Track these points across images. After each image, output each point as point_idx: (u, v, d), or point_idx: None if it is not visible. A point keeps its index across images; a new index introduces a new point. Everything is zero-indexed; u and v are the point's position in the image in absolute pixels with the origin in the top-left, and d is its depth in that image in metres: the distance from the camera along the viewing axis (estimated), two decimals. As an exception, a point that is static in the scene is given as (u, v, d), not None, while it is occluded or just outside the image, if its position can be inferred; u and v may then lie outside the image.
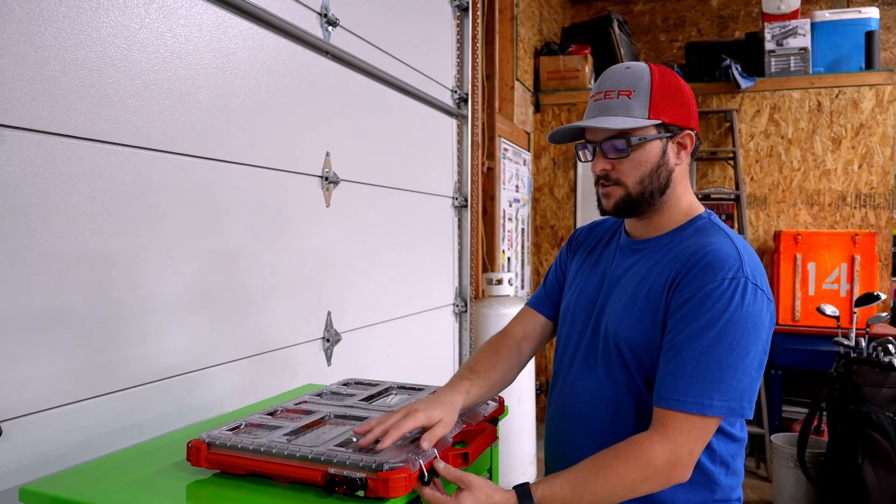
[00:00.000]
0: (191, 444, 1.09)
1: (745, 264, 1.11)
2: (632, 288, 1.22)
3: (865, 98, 4.60)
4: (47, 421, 1.25)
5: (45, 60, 1.23)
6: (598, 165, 1.23)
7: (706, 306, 1.08)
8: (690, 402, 1.06)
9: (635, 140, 1.18)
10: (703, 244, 1.16)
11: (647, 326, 1.16)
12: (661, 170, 1.21)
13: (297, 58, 1.98)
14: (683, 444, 1.07)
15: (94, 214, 1.34)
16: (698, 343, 1.08)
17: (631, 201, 1.22)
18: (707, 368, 1.06)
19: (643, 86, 1.18)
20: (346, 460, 0.99)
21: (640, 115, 1.17)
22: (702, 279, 1.10)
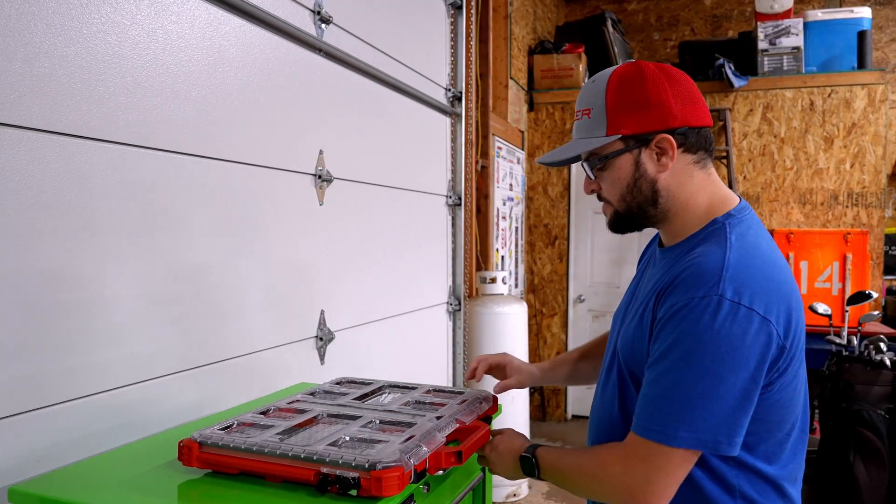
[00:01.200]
0: (182, 444, 1.08)
1: (726, 280, 0.99)
2: (637, 302, 1.17)
3: (858, 97, 4.62)
4: (37, 420, 1.24)
5: (34, 57, 1.22)
6: (588, 187, 1.22)
7: (671, 325, 1.01)
8: (653, 429, 1.00)
9: (596, 162, 1.15)
10: (696, 254, 1.07)
11: (638, 342, 1.11)
12: (640, 182, 1.13)
13: (290, 55, 1.97)
14: (640, 470, 1.01)
15: (85, 213, 1.33)
16: (663, 366, 1.01)
17: (621, 218, 1.18)
18: (668, 395, 0.99)
19: (599, 102, 1.13)
20: (338, 459, 0.99)
21: (599, 134, 1.13)
22: (676, 295, 1.02)
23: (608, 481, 1.06)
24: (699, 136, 1.13)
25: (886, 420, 3.11)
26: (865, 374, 3.20)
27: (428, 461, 1.06)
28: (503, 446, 1.23)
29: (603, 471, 1.07)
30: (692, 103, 1.13)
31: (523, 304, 3.91)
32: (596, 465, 1.09)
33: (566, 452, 1.17)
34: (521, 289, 5.23)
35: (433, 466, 1.07)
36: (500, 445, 1.23)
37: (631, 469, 1.02)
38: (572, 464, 1.14)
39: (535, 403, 5.26)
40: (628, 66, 1.14)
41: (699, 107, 1.14)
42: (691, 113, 1.11)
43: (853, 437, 3.13)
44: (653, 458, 1.00)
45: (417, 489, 1.10)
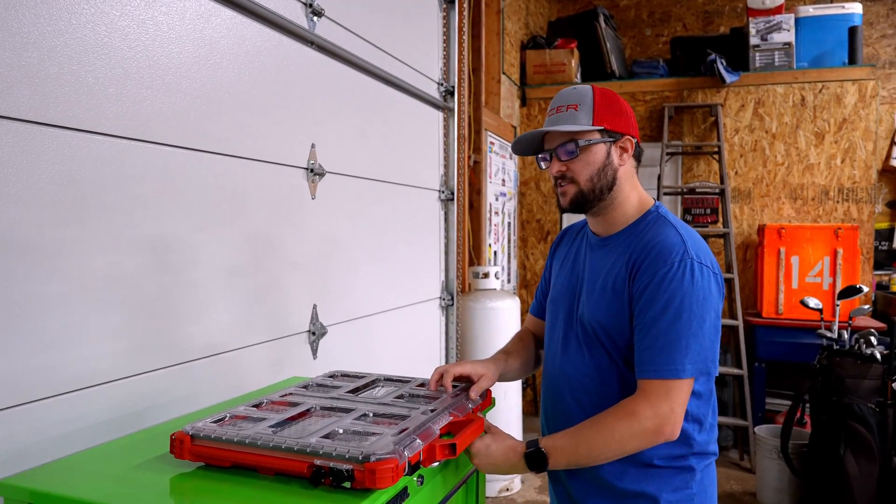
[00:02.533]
0: (174, 437, 1.08)
1: (689, 248, 1.30)
2: (601, 279, 1.40)
3: (848, 93, 4.64)
4: (27, 414, 1.23)
5: (22, 47, 1.21)
6: (555, 167, 1.42)
7: (662, 288, 1.27)
8: (666, 369, 1.25)
9: (583, 143, 1.38)
10: (653, 235, 1.35)
11: (615, 310, 1.35)
12: (606, 169, 1.40)
13: (282, 48, 1.96)
14: (664, 404, 1.24)
15: (74, 205, 1.32)
16: (662, 321, 1.26)
17: (583, 197, 1.41)
18: (674, 340, 1.25)
19: (587, 100, 1.40)
20: (332, 452, 0.98)
21: (585, 123, 1.38)
22: (654, 266, 1.29)
23: (639, 427, 1.24)
24: (638, 149, 1.46)
25: (876, 413, 3.13)
26: (856, 367, 3.22)
27: (422, 454, 1.06)
28: (496, 447, 1.29)
29: (631, 422, 1.24)
30: (635, 124, 1.46)
31: (516, 299, 3.91)
32: (619, 421, 1.25)
33: (572, 433, 1.29)
34: (513, 284, 5.23)
35: (427, 459, 1.07)
36: (491, 447, 1.29)
37: (657, 407, 1.24)
38: (589, 437, 1.27)
39: (527, 399, 5.26)
40: (599, 87, 1.45)
41: (637, 129, 1.47)
42: (636, 131, 1.45)
43: (844, 431, 3.15)
44: (671, 392, 1.25)
45: (411, 482, 1.10)
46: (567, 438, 1.29)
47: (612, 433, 1.25)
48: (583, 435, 1.28)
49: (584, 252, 1.51)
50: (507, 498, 3.78)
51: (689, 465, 1.35)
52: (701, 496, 1.37)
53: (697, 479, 1.36)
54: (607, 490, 1.36)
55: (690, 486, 1.35)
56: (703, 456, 1.38)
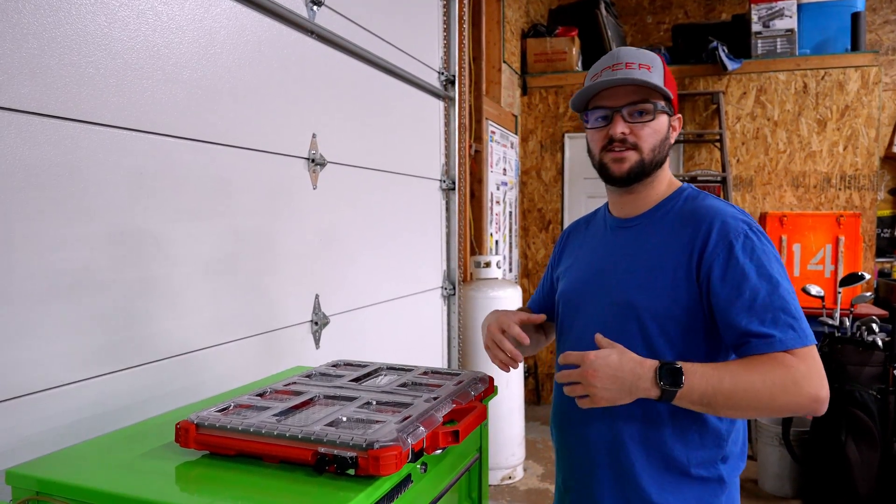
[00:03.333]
0: (179, 426, 1.08)
1: (747, 218, 1.23)
2: (643, 259, 1.27)
3: (851, 80, 4.62)
4: (34, 404, 1.24)
5: (23, 38, 1.21)
6: (620, 127, 1.27)
7: (747, 258, 1.17)
8: (791, 336, 1.11)
9: (660, 106, 1.27)
10: (706, 208, 1.25)
11: (670, 293, 1.22)
12: (665, 142, 1.30)
13: (282, 37, 1.96)
14: (815, 366, 1.10)
15: (76, 195, 1.32)
16: (762, 290, 1.14)
17: (643, 167, 1.28)
18: (784, 307, 1.13)
19: (658, 64, 1.29)
20: (336, 439, 0.99)
21: (662, 86, 1.26)
22: (727, 238, 1.18)
23: (793, 379, 1.08)
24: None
25: (878, 400, 3.14)
26: (857, 355, 3.23)
27: (425, 441, 1.06)
28: (618, 355, 1.11)
29: (786, 371, 1.08)
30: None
31: (517, 289, 3.92)
32: (775, 367, 1.09)
33: (716, 364, 1.13)
34: (515, 273, 5.23)
35: (430, 446, 1.08)
36: (612, 355, 1.11)
37: (809, 368, 1.10)
38: (739, 372, 1.10)
39: (529, 387, 5.28)
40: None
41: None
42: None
43: (845, 418, 3.16)
44: (811, 356, 1.11)
45: (415, 469, 1.11)
46: (710, 368, 1.11)
47: (764, 377, 1.08)
48: (729, 368, 1.11)
49: (604, 237, 1.39)
50: (510, 486, 3.80)
51: (719, 474, 1.23)
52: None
53: (727, 495, 1.24)
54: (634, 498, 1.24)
55: (719, 500, 1.23)
56: (735, 467, 1.25)
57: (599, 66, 1.31)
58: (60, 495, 0.98)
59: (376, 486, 0.97)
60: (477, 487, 1.46)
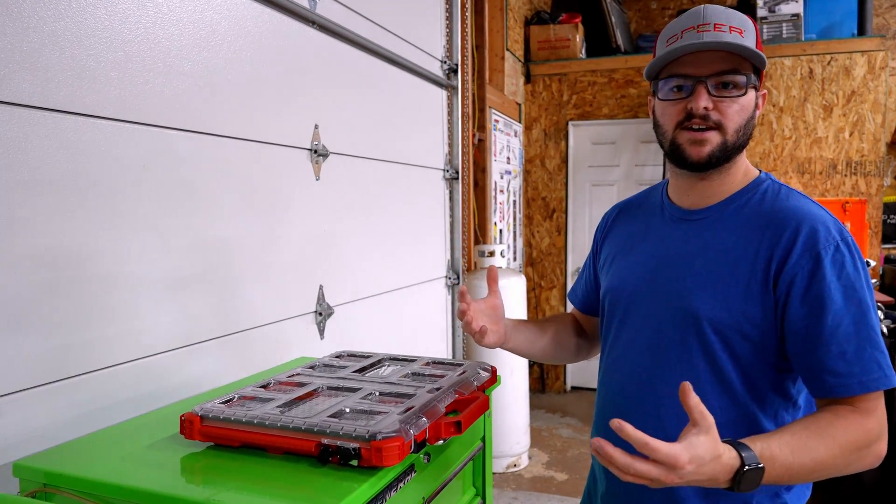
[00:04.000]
0: (184, 418, 1.09)
1: (841, 228, 1.05)
2: (708, 261, 1.10)
3: (857, 65, 4.58)
4: (40, 397, 1.25)
5: (23, 32, 1.21)
6: (703, 100, 1.07)
7: (837, 276, 1.00)
8: (875, 378, 0.98)
9: (754, 80, 1.08)
10: (792, 210, 1.07)
11: (740, 305, 1.05)
12: (751, 122, 1.11)
13: (283, 28, 1.95)
14: (882, 418, 0.99)
15: (78, 190, 1.33)
16: (848, 316, 0.99)
17: (726, 151, 1.09)
18: (870, 339, 0.99)
19: (751, 28, 1.08)
20: (339, 430, 1.00)
21: (757, 55, 1.07)
22: (814, 248, 1.02)
23: (866, 440, 0.98)
24: None
25: (883, 387, 3.14)
26: (862, 341, 3.22)
27: (428, 431, 1.07)
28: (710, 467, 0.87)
29: (860, 434, 0.97)
30: None
31: (522, 278, 3.92)
32: (849, 429, 0.96)
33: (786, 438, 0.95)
34: (519, 262, 5.23)
35: (433, 437, 1.08)
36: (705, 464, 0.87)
37: (879, 421, 0.99)
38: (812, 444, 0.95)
39: (534, 375, 5.30)
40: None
41: None
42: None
43: (850, 404, 3.16)
44: (880, 405, 0.99)
45: (418, 459, 1.11)
46: (787, 450, 0.93)
47: (841, 447, 0.95)
48: (807, 448, 0.94)
49: (661, 228, 1.20)
50: (515, 474, 3.82)
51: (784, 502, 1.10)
52: None
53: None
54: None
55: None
56: (799, 491, 1.12)
57: (678, 25, 1.10)
58: (67, 487, 0.99)
59: (379, 476, 0.98)
60: (481, 476, 1.47)
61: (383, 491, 1.00)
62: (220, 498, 0.90)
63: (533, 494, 3.54)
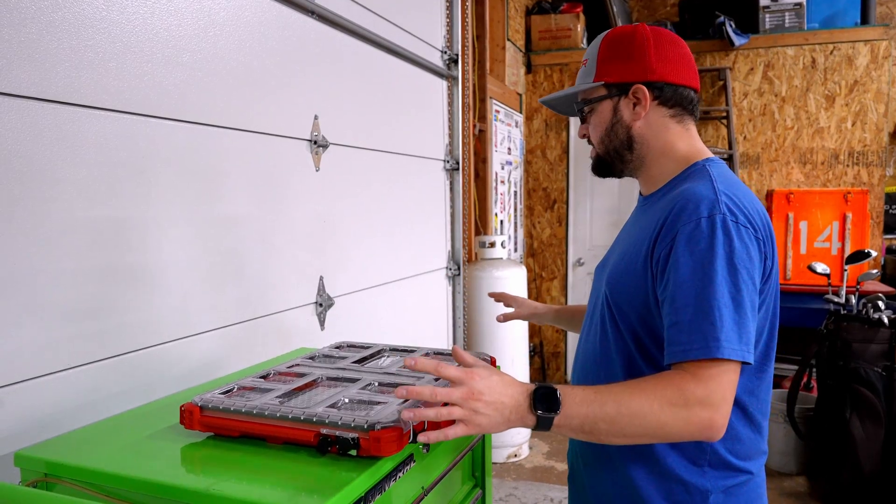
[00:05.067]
0: (183, 408, 1.10)
1: (722, 202, 1.07)
2: (624, 245, 1.23)
3: (860, 54, 4.56)
4: (41, 387, 1.26)
5: (21, 23, 1.20)
6: (580, 130, 1.33)
7: (688, 251, 1.05)
8: (697, 348, 1.01)
9: (583, 105, 1.28)
10: (682, 190, 1.13)
11: (630, 281, 1.15)
12: (616, 128, 1.25)
13: (283, 18, 1.94)
14: (717, 388, 0.99)
15: (78, 180, 1.33)
16: (689, 289, 1.03)
17: (600, 160, 1.30)
18: (705, 312, 1.01)
19: (594, 52, 1.26)
20: (338, 420, 1.00)
21: (587, 80, 1.26)
22: (676, 225, 1.08)
23: (684, 399, 0.99)
24: (676, 93, 1.22)
25: (883, 377, 3.15)
26: (863, 332, 3.22)
27: (426, 422, 1.07)
28: (497, 378, 1.00)
29: (678, 395, 0.99)
30: (675, 63, 1.22)
31: (522, 268, 3.92)
32: (664, 390, 0.99)
33: (600, 388, 1.03)
34: (520, 253, 5.23)
35: (432, 427, 1.09)
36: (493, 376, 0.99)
37: (708, 387, 0.99)
38: (623, 397, 1.00)
39: (535, 366, 5.31)
40: (626, 26, 1.26)
41: (683, 68, 1.23)
42: (672, 71, 1.21)
43: (850, 395, 3.17)
44: (718, 376, 1.00)
45: (417, 449, 1.12)
46: (591, 392, 1.01)
47: (652, 399, 0.99)
48: (613, 390, 1.01)
49: (633, 217, 1.35)
50: (515, 464, 3.84)
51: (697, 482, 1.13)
52: None
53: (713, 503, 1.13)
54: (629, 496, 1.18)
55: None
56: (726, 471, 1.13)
57: None
58: (68, 477, 1.00)
59: (378, 466, 0.98)
60: (480, 467, 1.48)
61: (382, 481, 1.00)
62: (219, 487, 0.91)
63: (533, 484, 3.55)
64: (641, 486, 1.17)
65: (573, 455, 1.36)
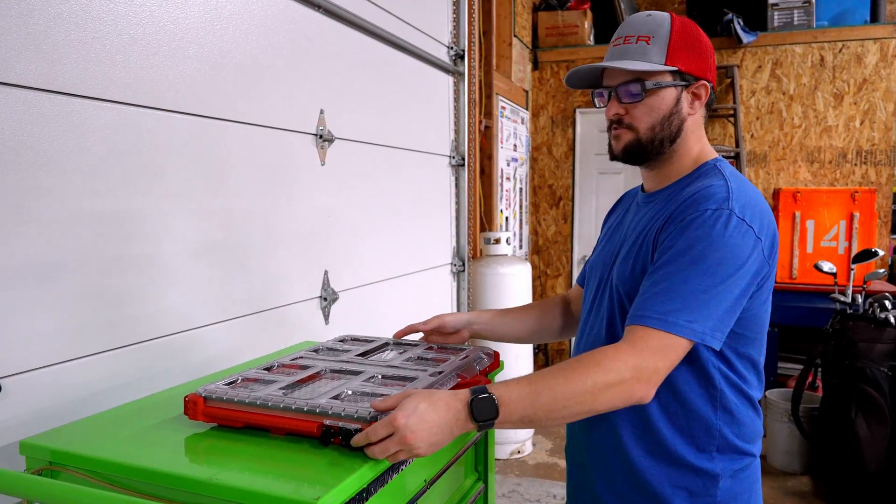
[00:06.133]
0: (188, 399, 1.10)
1: (733, 199, 1.11)
2: (633, 238, 1.24)
3: (869, 52, 4.53)
4: (46, 377, 1.27)
5: (28, 14, 1.21)
6: (612, 109, 1.23)
7: (686, 234, 1.09)
8: (656, 318, 1.06)
9: (650, 85, 1.19)
10: (697, 186, 1.17)
11: (638, 272, 1.18)
12: (673, 118, 1.21)
13: (289, 12, 1.94)
14: (649, 357, 1.04)
15: (85, 172, 1.33)
16: (672, 266, 1.08)
17: (640, 146, 1.23)
18: (677, 288, 1.06)
19: (662, 32, 1.19)
20: (341, 412, 1.00)
21: (657, 61, 1.18)
22: (684, 214, 1.12)
23: (615, 377, 1.02)
24: (712, 98, 1.26)
25: (889, 377, 3.13)
26: (869, 331, 3.21)
27: None
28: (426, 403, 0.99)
29: (607, 369, 1.02)
30: (715, 68, 1.26)
31: (527, 265, 3.92)
32: (592, 368, 1.03)
33: (532, 378, 1.05)
34: (525, 250, 5.23)
35: None
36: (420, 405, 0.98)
37: (641, 356, 1.04)
38: (554, 384, 1.03)
39: (539, 363, 5.31)
40: (683, 18, 1.23)
41: (714, 71, 1.27)
42: (714, 74, 1.25)
43: (855, 394, 3.15)
44: (659, 346, 1.05)
45: (419, 442, 1.12)
46: (525, 385, 1.04)
47: (582, 379, 1.02)
48: (545, 381, 1.03)
49: (632, 212, 1.34)
50: (518, 460, 3.84)
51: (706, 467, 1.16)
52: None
53: (722, 488, 1.16)
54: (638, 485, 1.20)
55: (713, 495, 1.16)
56: (731, 458, 1.17)
57: (614, 35, 1.26)
58: (73, 465, 1.01)
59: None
60: (483, 461, 1.48)
61: (384, 473, 1.00)
62: (222, 477, 0.91)
63: (536, 481, 3.56)
64: (651, 475, 1.19)
65: (576, 449, 1.36)
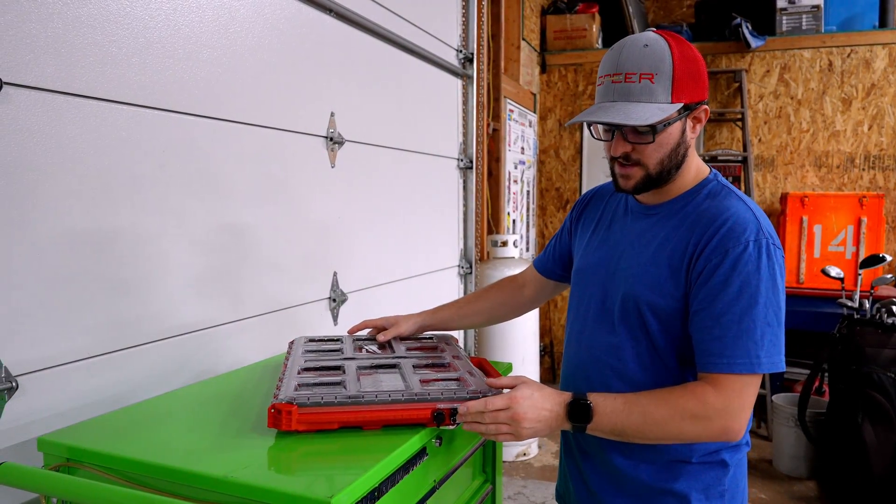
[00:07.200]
0: (276, 408, 1.06)
1: (763, 226, 1.16)
2: (651, 252, 1.24)
3: (878, 57, 4.52)
4: (62, 376, 1.28)
5: (48, 17, 1.23)
6: (619, 149, 1.21)
7: (736, 271, 1.13)
8: (740, 363, 1.12)
9: (660, 127, 1.17)
10: (720, 209, 1.19)
11: (670, 290, 1.20)
12: (679, 148, 1.21)
13: (301, 16, 1.96)
14: (736, 399, 1.12)
15: (100, 174, 1.35)
16: (736, 307, 1.12)
17: (650, 181, 1.23)
18: (749, 330, 1.12)
19: (665, 68, 1.15)
20: (451, 395, 1.13)
21: (664, 100, 1.15)
22: (726, 245, 1.15)
23: (704, 415, 1.11)
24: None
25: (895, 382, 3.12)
26: (876, 337, 3.20)
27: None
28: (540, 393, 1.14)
29: (698, 406, 1.11)
30: (707, 80, 1.25)
31: (534, 268, 3.92)
32: (686, 401, 1.12)
33: (628, 397, 1.15)
34: (532, 252, 5.24)
35: None
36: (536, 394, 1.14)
37: (728, 400, 1.12)
38: (648, 406, 1.12)
39: (545, 366, 5.31)
40: (673, 35, 1.19)
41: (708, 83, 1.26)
42: (707, 89, 1.24)
43: (862, 399, 3.15)
44: (745, 386, 1.13)
45: (430, 443, 1.13)
46: (620, 401, 1.14)
47: (674, 410, 1.11)
48: (640, 402, 1.13)
49: (623, 219, 1.34)
50: (524, 462, 3.84)
51: (722, 459, 1.24)
52: (732, 491, 1.26)
53: (730, 475, 1.25)
54: (630, 485, 1.27)
55: (723, 483, 1.25)
56: (737, 449, 1.27)
57: (603, 68, 1.20)
58: (90, 462, 1.02)
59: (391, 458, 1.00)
60: (491, 463, 1.49)
61: (395, 473, 1.02)
62: (236, 475, 0.92)
63: (542, 483, 3.56)
64: (662, 466, 1.25)
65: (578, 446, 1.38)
